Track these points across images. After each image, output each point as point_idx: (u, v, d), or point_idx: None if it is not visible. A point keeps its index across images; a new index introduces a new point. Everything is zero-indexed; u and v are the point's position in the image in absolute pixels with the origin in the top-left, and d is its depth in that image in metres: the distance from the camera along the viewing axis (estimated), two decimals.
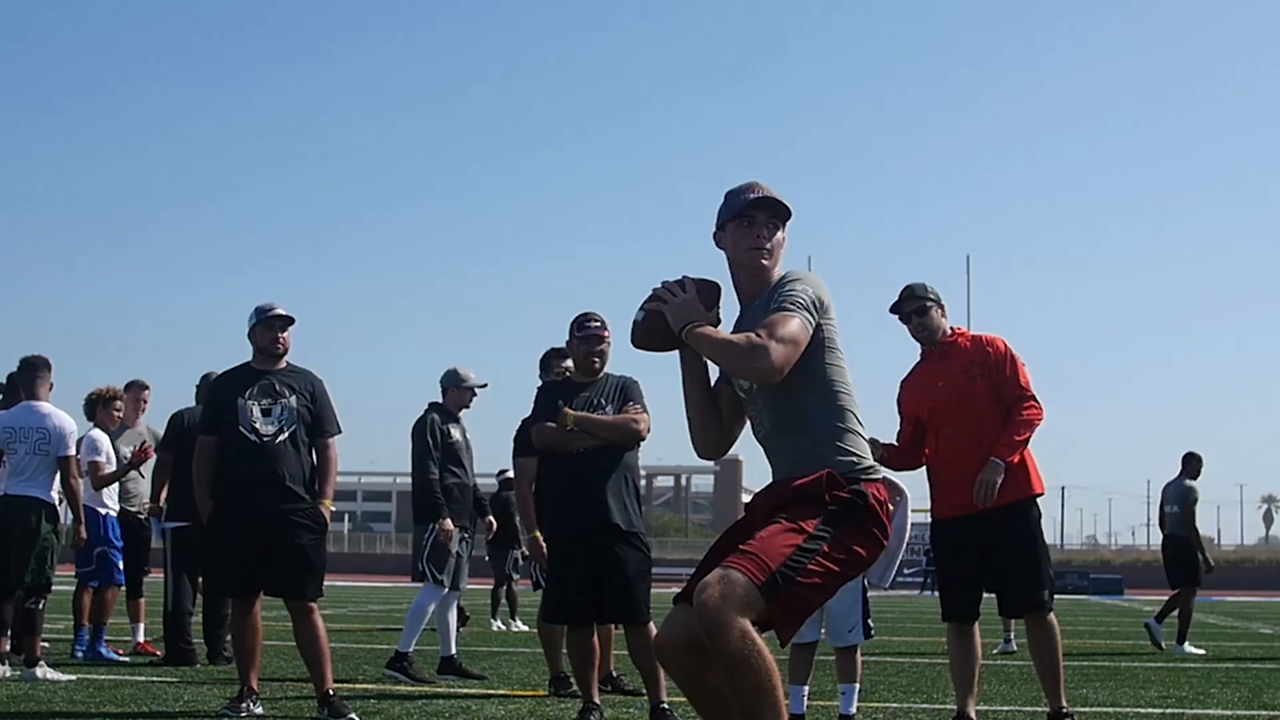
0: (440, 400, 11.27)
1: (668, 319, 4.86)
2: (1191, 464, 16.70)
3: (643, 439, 8.39)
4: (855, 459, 4.82)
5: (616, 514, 8.19)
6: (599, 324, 8.43)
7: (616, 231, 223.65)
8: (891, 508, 4.79)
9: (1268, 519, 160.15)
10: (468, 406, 11.31)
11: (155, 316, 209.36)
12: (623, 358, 8.28)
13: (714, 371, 5.08)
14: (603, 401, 8.33)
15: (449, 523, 10.96)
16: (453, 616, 11.44)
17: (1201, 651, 15.89)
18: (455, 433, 11.14)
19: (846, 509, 4.68)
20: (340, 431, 8.87)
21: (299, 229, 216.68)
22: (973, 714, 7.63)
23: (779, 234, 5.06)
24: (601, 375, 8.46)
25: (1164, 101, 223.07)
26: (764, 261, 5.02)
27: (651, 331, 4.97)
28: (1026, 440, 7.79)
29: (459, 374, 11.30)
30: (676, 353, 4.97)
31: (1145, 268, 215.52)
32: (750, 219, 5.02)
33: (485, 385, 11.35)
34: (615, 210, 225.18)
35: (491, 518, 11.44)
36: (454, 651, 11.25)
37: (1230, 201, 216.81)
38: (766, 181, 5.05)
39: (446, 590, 11.09)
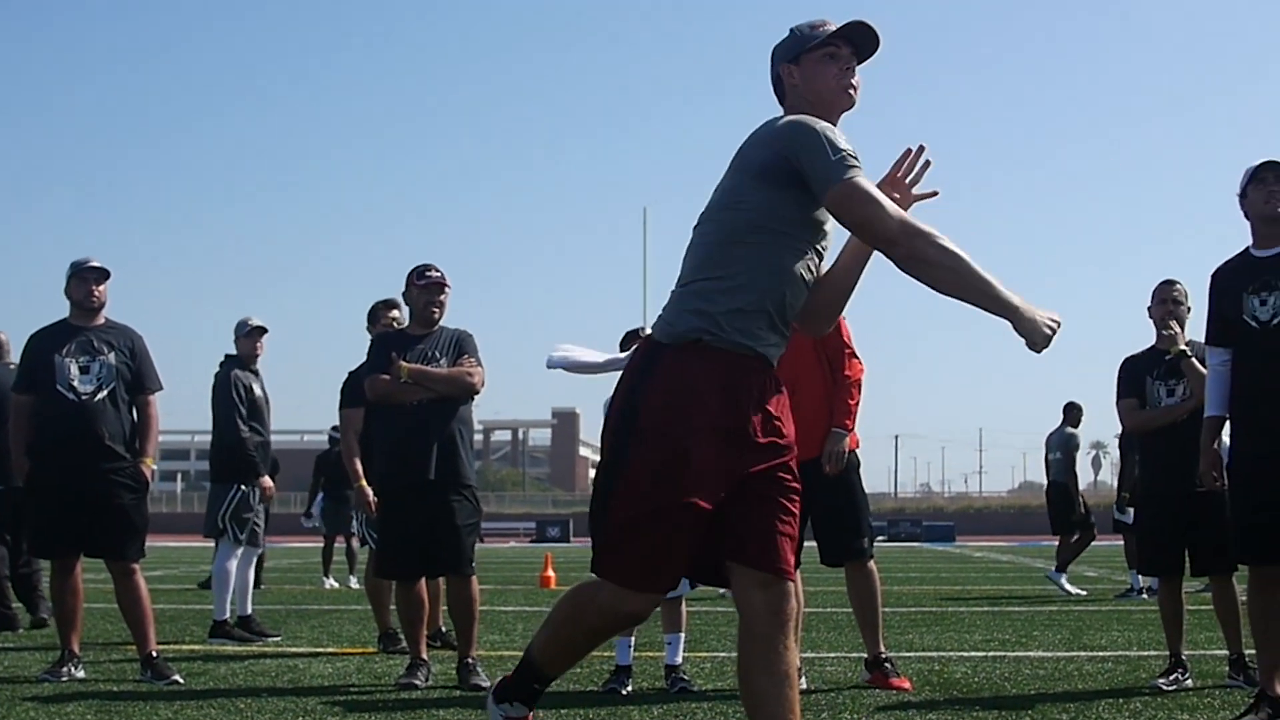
0: (234, 352, 11.13)
1: None
2: (1072, 413, 17.41)
3: (477, 392, 8.34)
4: None
5: (449, 467, 8.13)
6: (440, 274, 8.35)
7: (439, 176, 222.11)
8: None
9: (1096, 464, 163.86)
10: (258, 353, 11.16)
11: None
12: (458, 312, 8.26)
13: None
14: (437, 354, 8.26)
15: (268, 480, 10.88)
16: (251, 574, 11.37)
17: (1082, 593, 16.48)
18: (256, 388, 11.03)
19: None
20: (161, 388, 8.71)
21: (114, 177, 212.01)
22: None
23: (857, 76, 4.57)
24: (437, 328, 8.38)
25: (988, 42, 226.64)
26: (855, 102, 4.53)
27: None
28: (858, 401, 7.91)
29: (242, 320, 11.17)
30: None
31: (969, 214, 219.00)
32: (835, 50, 4.51)
33: (265, 329, 11.17)
34: (442, 158, 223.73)
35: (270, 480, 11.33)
36: (250, 610, 11.20)
37: (1046, 146, 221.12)
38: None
39: (242, 548, 11.00)
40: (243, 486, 10.85)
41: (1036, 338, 4.18)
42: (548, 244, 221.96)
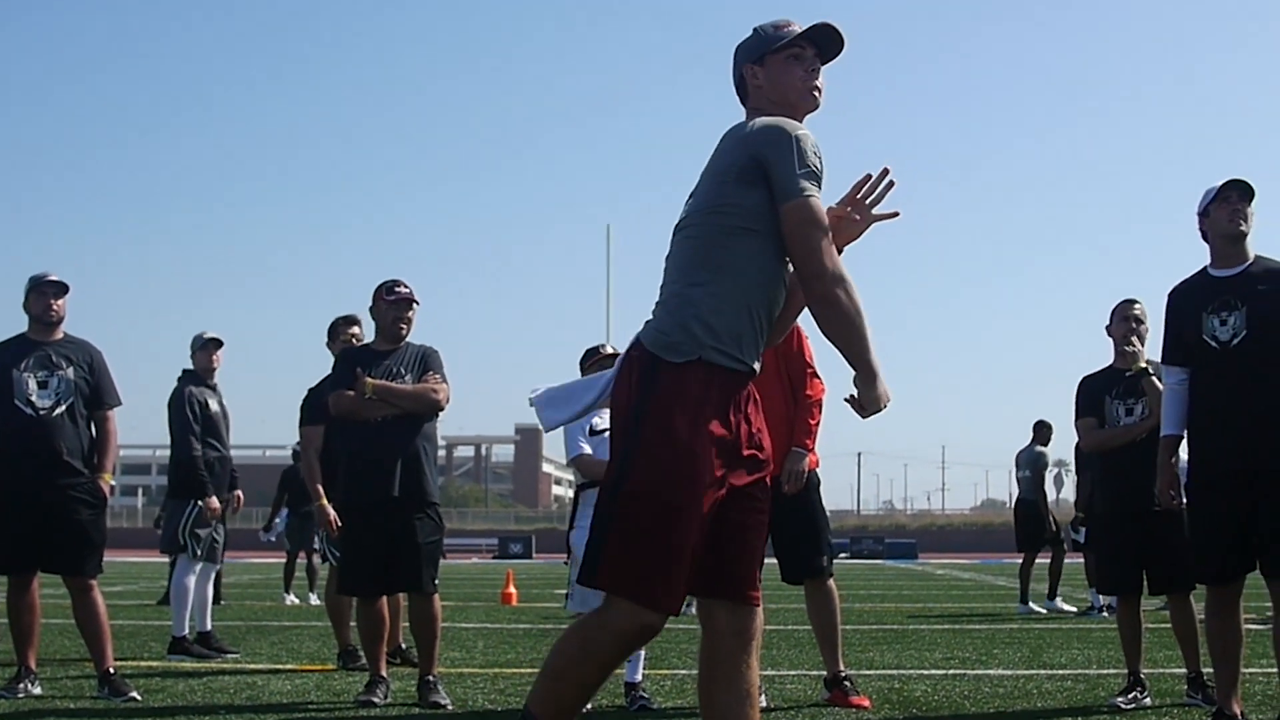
0: (191, 367, 11.11)
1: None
2: (1042, 431, 17.51)
3: (442, 409, 8.31)
4: None
5: (413, 484, 8.10)
6: (408, 290, 8.34)
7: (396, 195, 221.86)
8: None
9: (1058, 483, 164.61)
10: (214, 366, 11.14)
11: None
12: (421, 328, 8.26)
13: None
14: (402, 370, 8.24)
15: (215, 500, 10.80)
16: (210, 590, 11.36)
17: (1073, 609, 16.69)
18: (213, 404, 11.00)
19: None
20: (120, 403, 8.68)
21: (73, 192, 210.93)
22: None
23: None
24: (403, 344, 8.36)
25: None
26: (819, 104, 4.56)
27: None
28: (819, 422, 7.93)
29: (197, 334, 11.17)
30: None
31: (930, 232, 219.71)
32: (800, 51, 4.52)
33: (221, 342, 11.17)
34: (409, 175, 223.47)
35: (240, 492, 11.30)
36: (209, 626, 11.17)
37: (1007, 165, 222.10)
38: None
39: (201, 564, 10.97)
40: (200, 502, 10.80)
41: (872, 407, 4.40)
42: (511, 260, 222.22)
